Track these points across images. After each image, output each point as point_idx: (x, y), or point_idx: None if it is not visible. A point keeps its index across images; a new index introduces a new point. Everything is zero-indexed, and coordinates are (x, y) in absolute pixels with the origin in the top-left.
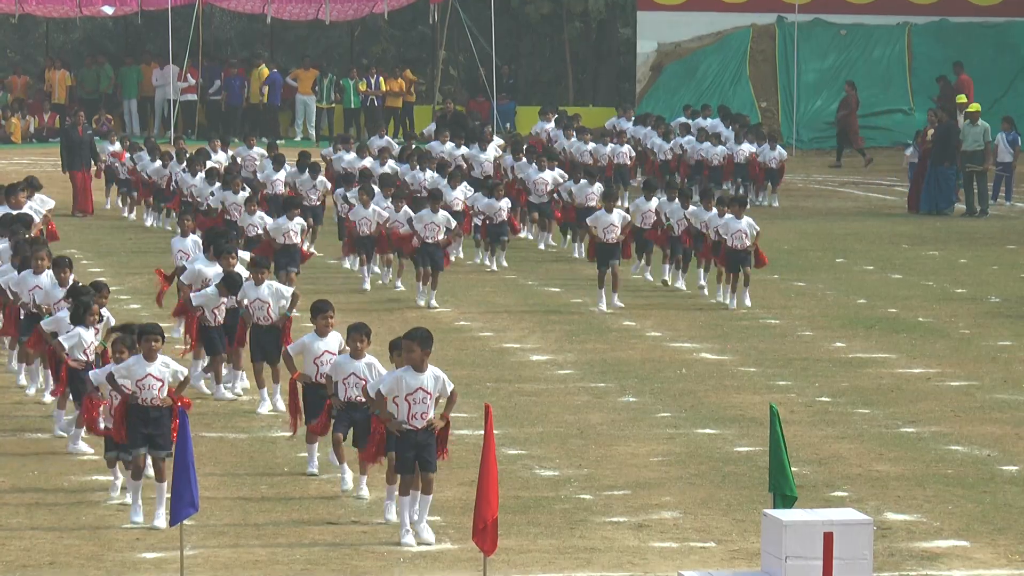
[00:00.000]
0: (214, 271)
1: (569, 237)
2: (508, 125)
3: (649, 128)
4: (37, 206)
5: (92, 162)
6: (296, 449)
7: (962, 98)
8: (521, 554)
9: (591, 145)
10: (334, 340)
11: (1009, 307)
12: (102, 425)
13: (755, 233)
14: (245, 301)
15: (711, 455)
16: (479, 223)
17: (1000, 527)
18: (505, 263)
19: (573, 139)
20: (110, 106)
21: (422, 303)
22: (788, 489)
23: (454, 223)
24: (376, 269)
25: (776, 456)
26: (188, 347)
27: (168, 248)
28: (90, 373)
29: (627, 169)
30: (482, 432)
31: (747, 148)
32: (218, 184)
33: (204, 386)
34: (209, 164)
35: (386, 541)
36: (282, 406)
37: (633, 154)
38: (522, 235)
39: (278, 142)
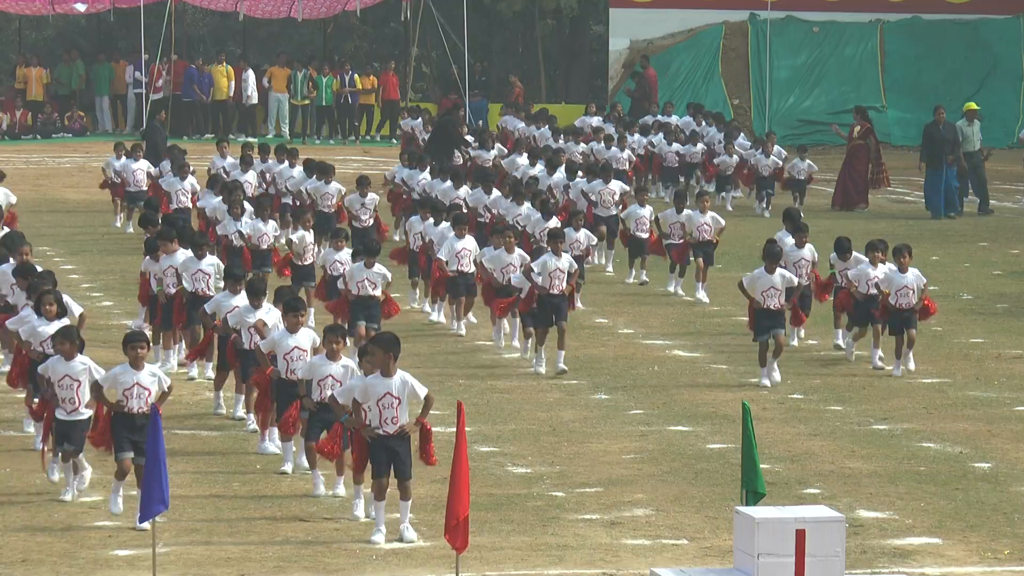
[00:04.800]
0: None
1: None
2: (480, 122)
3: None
4: (1, 199)
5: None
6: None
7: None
8: (494, 551)
9: (559, 143)
10: (305, 336)
11: (981, 304)
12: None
13: (922, 287)
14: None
15: (683, 452)
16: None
17: (972, 524)
18: (581, 304)
19: (543, 130)
20: (82, 103)
21: (542, 369)
22: (758, 486)
23: (575, 266)
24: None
25: (748, 453)
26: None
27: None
28: (39, 368)
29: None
30: (454, 430)
31: (735, 157)
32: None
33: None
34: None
35: (358, 539)
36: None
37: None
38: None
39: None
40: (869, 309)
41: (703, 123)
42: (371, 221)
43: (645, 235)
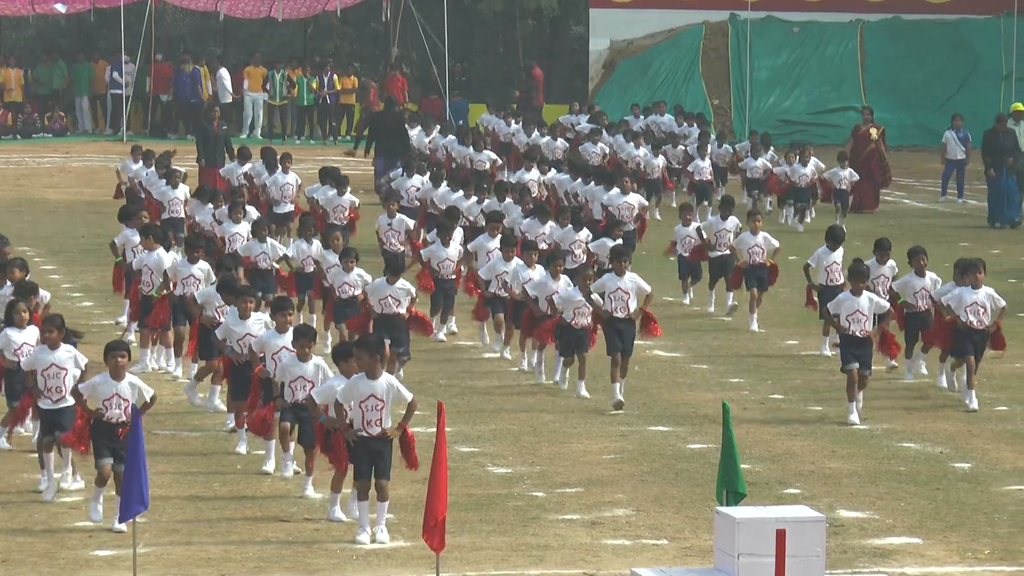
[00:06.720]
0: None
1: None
2: (461, 123)
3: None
4: None
5: (227, 158)
6: (250, 446)
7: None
8: (474, 551)
9: (545, 139)
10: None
11: None
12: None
13: (999, 309)
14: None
15: (664, 452)
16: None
17: (952, 524)
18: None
19: (513, 126)
20: (63, 103)
21: (620, 397)
22: (738, 486)
23: (645, 287)
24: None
25: (728, 453)
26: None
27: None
28: (23, 362)
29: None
30: (434, 430)
31: (762, 163)
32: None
33: (220, 403)
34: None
35: (339, 539)
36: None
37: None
38: None
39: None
40: (971, 338)
41: (683, 124)
42: (401, 248)
43: (689, 254)
